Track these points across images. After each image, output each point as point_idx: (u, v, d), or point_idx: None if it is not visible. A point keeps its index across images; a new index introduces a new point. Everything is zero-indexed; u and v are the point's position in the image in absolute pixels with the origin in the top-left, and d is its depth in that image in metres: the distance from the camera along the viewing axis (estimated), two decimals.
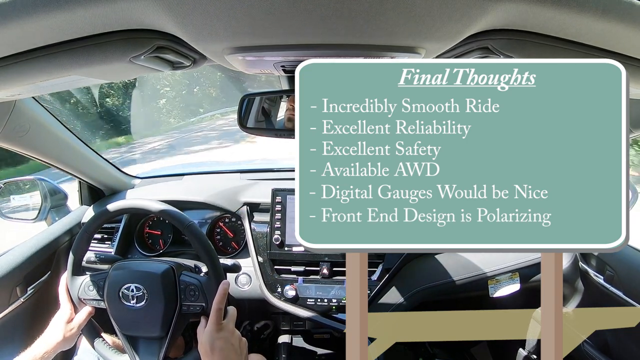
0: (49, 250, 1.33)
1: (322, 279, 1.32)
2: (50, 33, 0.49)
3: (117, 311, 1.01)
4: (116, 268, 1.04)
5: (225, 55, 0.60)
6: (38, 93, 0.90)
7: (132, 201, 1.08)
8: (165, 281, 1.01)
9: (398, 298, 1.31)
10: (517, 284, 1.32)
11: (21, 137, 1.08)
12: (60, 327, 1.01)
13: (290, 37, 0.54)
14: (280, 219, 1.35)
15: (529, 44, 0.51)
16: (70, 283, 1.06)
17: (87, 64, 0.56)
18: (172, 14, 0.45)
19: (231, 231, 1.50)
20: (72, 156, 1.34)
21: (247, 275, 1.39)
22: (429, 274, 1.34)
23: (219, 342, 0.93)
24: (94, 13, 0.43)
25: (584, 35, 0.50)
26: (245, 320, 1.60)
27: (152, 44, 0.53)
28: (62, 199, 1.51)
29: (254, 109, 0.99)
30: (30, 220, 1.44)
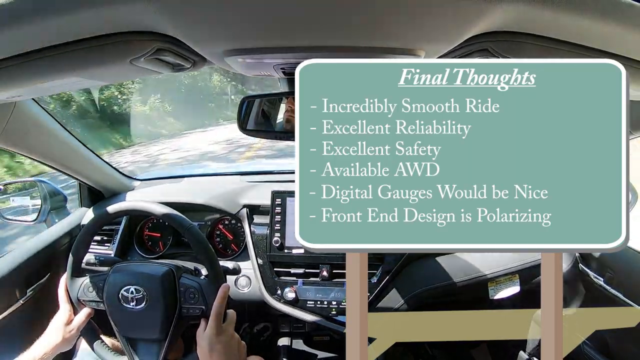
0: (48, 252, 1.33)
1: (321, 281, 1.31)
2: (51, 35, 0.49)
3: (116, 313, 1.01)
4: (116, 270, 1.04)
5: (225, 58, 0.60)
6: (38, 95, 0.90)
7: (132, 203, 1.08)
8: (165, 283, 1.01)
9: (398, 300, 1.31)
10: (517, 286, 1.32)
11: (21, 138, 1.09)
12: (59, 329, 1.01)
13: (290, 40, 0.55)
14: (280, 221, 1.35)
15: (528, 46, 0.52)
16: (70, 284, 1.06)
17: (87, 66, 0.56)
18: (172, 16, 0.45)
19: (231, 233, 1.50)
20: (72, 158, 1.34)
21: (247, 278, 1.38)
22: (429, 276, 1.34)
23: (218, 345, 0.93)
24: (94, 15, 0.44)
25: (583, 37, 0.50)
26: (245, 323, 1.60)
27: (152, 46, 0.53)
28: (62, 200, 1.51)
29: (254, 111, 1.00)
30: (30, 222, 1.44)
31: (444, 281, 1.32)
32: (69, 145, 1.28)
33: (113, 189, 1.59)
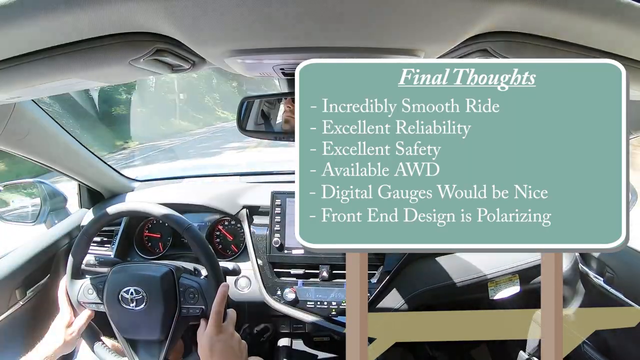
0: (48, 253, 1.33)
1: (321, 282, 1.31)
2: (50, 35, 0.49)
3: (116, 314, 1.01)
4: (115, 271, 1.04)
5: (224, 59, 0.60)
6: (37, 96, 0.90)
7: (131, 204, 1.08)
8: (164, 284, 1.00)
9: (398, 301, 1.31)
10: (517, 286, 1.32)
11: (21, 140, 1.08)
12: (60, 332, 1.01)
13: (290, 40, 0.55)
14: (279, 221, 1.35)
15: (528, 46, 0.52)
16: (70, 286, 1.05)
17: (86, 66, 0.56)
18: (171, 17, 0.45)
19: (231, 234, 1.50)
20: (72, 159, 1.34)
21: (247, 278, 1.38)
22: (429, 277, 1.34)
23: (218, 344, 0.93)
24: (93, 16, 0.43)
25: (583, 38, 0.50)
26: (245, 324, 1.59)
27: (152, 46, 0.53)
28: (62, 201, 1.51)
29: (253, 112, 1.00)
30: (30, 223, 1.44)
31: (444, 281, 1.32)
32: (68, 146, 1.28)
33: (113, 190, 1.59)
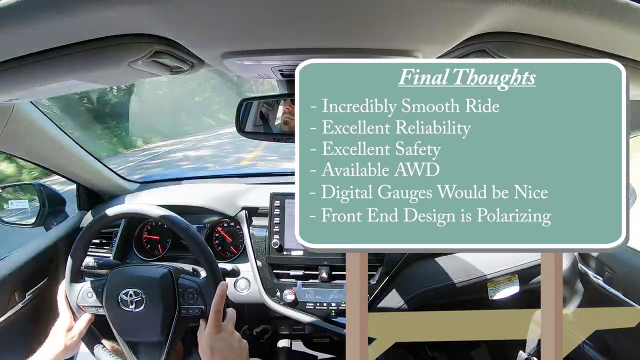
0: (47, 254, 1.32)
1: (321, 283, 1.31)
2: (49, 37, 0.49)
3: (116, 317, 1.01)
4: (114, 274, 1.04)
5: (223, 60, 0.60)
6: (36, 97, 0.90)
7: (130, 206, 1.08)
8: (163, 285, 1.00)
9: (398, 301, 1.31)
10: (516, 286, 1.32)
11: (20, 141, 1.08)
12: (61, 336, 1.00)
13: (288, 42, 0.55)
14: (279, 223, 1.35)
15: (526, 46, 0.52)
16: (69, 290, 1.05)
17: (85, 68, 0.56)
18: (170, 19, 0.45)
19: (230, 236, 1.50)
20: (71, 161, 1.34)
21: (246, 280, 1.38)
22: (428, 277, 1.34)
23: (218, 343, 0.93)
24: (92, 18, 0.44)
25: (581, 37, 0.50)
26: (245, 325, 1.59)
27: (150, 48, 0.53)
28: (61, 203, 1.50)
29: (252, 113, 1.00)
30: (29, 226, 1.43)
31: (443, 282, 1.32)
32: (67, 148, 1.28)
33: (112, 192, 1.59)
